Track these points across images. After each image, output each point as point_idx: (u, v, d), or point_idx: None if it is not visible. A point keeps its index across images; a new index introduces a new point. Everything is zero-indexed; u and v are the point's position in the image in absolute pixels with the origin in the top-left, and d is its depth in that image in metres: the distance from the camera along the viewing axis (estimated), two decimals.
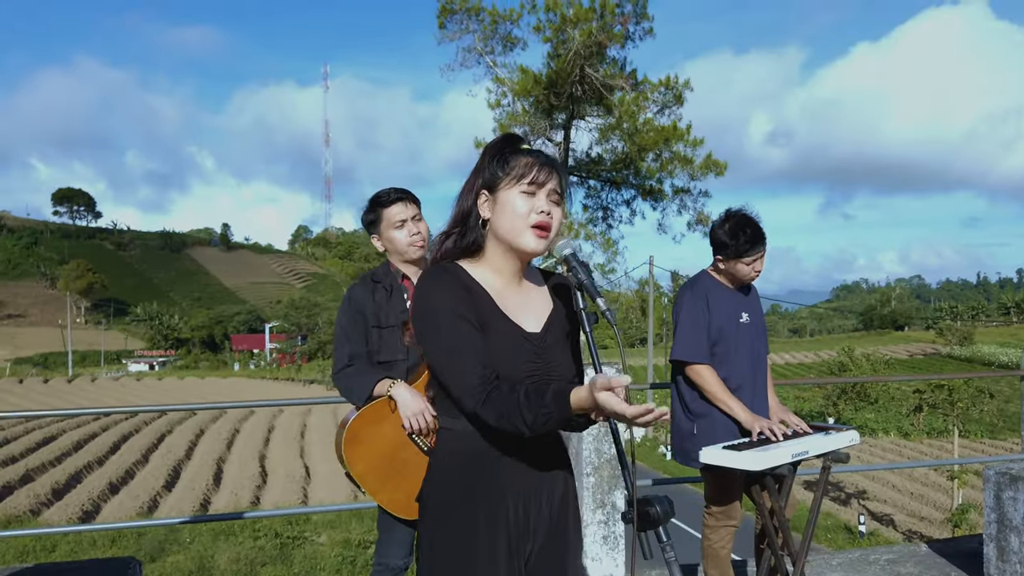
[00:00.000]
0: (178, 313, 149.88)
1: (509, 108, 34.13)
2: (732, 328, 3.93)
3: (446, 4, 33.73)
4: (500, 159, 2.17)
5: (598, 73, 31.63)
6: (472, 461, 2.13)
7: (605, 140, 34.44)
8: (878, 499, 30.50)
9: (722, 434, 3.81)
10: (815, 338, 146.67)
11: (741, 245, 3.86)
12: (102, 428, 40.93)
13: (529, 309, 2.22)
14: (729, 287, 4.03)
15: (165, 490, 28.70)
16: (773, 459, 3.44)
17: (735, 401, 3.81)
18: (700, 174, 33.01)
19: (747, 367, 3.95)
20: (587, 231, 34.34)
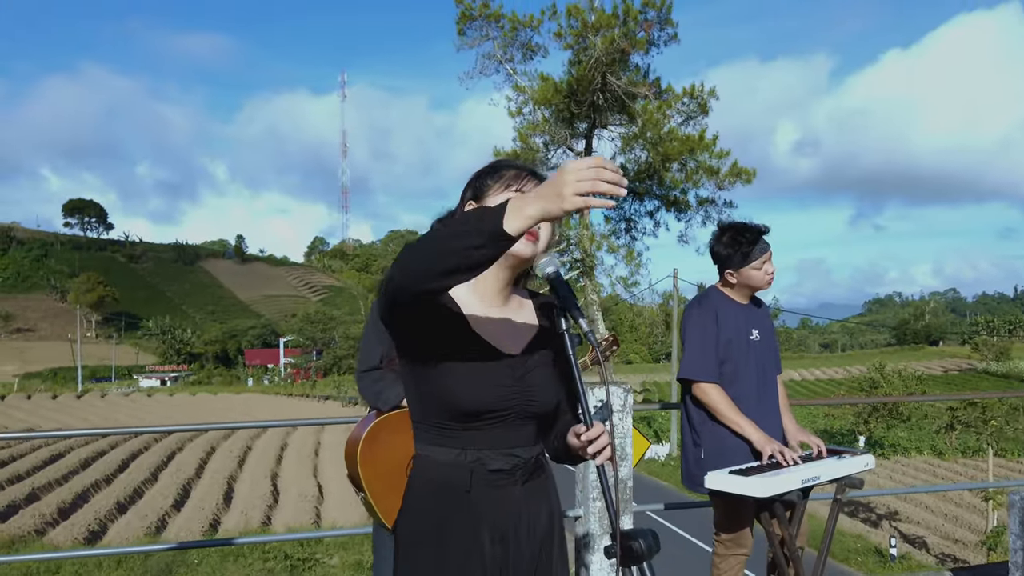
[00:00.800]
0: (191, 327, 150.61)
1: (529, 117, 34.23)
2: (742, 345, 3.90)
3: (465, 10, 33.89)
4: (490, 170, 2.18)
5: (620, 81, 31.67)
6: (445, 491, 2.08)
7: (628, 150, 34.47)
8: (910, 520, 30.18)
9: (732, 457, 3.77)
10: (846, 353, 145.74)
11: (744, 250, 3.84)
12: (110, 445, 41.09)
13: (510, 329, 2.18)
14: (739, 303, 4.00)
15: (174, 510, 28.77)
16: (782, 485, 3.40)
17: (746, 420, 3.77)
18: (727, 183, 32.96)
19: (757, 386, 3.91)
20: (609, 243, 34.35)
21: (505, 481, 2.10)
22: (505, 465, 2.10)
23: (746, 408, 3.83)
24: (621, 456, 4.48)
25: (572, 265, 34.57)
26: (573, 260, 34.18)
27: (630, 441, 4.48)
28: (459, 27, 34.38)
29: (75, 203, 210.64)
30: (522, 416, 2.11)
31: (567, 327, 2.03)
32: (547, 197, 1.69)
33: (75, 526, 25.13)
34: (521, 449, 2.13)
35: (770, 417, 3.94)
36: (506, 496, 2.10)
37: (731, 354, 3.87)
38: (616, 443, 4.47)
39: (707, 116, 32.85)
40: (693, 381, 3.87)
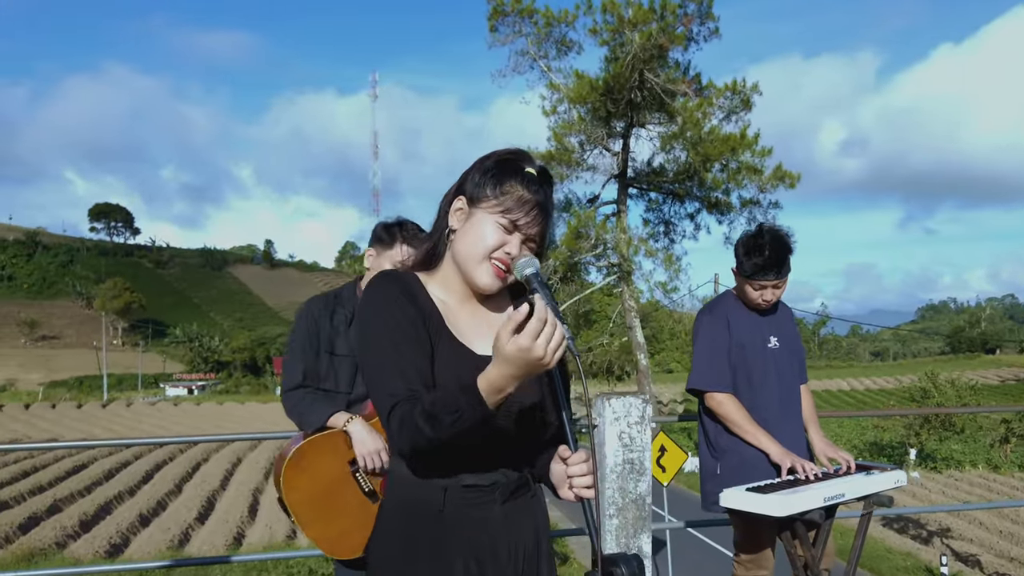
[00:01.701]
0: (218, 334, 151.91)
1: (564, 116, 34.15)
2: (758, 353, 3.81)
3: (497, 6, 33.85)
4: (495, 176, 2.05)
5: (659, 78, 31.45)
6: (418, 510, 2.01)
7: (667, 149, 34.22)
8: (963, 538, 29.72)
9: (751, 473, 3.68)
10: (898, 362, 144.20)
11: (749, 266, 3.74)
12: (135, 456, 41.43)
13: (488, 330, 2.08)
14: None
15: (198, 523, 28.92)
16: (803, 503, 3.30)
17: (762, 432, 3.68)
18: (770, 185, 32.68)
19: (776, 397, 3.81)
20: (647, 247, 34.10)
21: (483, 499, 2.02)
22: (482, 481, 2.02)
23: (766, 420, 3.74)
24: (639, 470, 4.40)
25: (609, 270, 34.43)
26: (610, 265, 34.03)
27: (648, 455, 4.40)
28: (491, 23, 34.34)
29: (101, 207, 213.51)
30: (503, 423, 2.00)
31: None
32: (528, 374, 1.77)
33: (96, 539, 25.30)
34: (503, 465, 2.05)
35: (793, 429, 3.85)
36: (484, 516, 2.02)
37: (745, 362, 3.77)
38: (634, 456, 4.40)
39: (750, 112, 32.56)
40: (704, 391, 3.78)
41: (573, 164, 33.83)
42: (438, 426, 1.80)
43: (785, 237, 3.78)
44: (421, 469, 2.00)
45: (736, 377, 3.77)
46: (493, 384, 1.76)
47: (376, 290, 2.02)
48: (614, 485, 4.40)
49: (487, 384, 1.76)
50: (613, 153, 34.64)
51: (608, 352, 36.63)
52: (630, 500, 4.41)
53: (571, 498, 1.91)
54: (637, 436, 4.39)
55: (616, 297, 38.10)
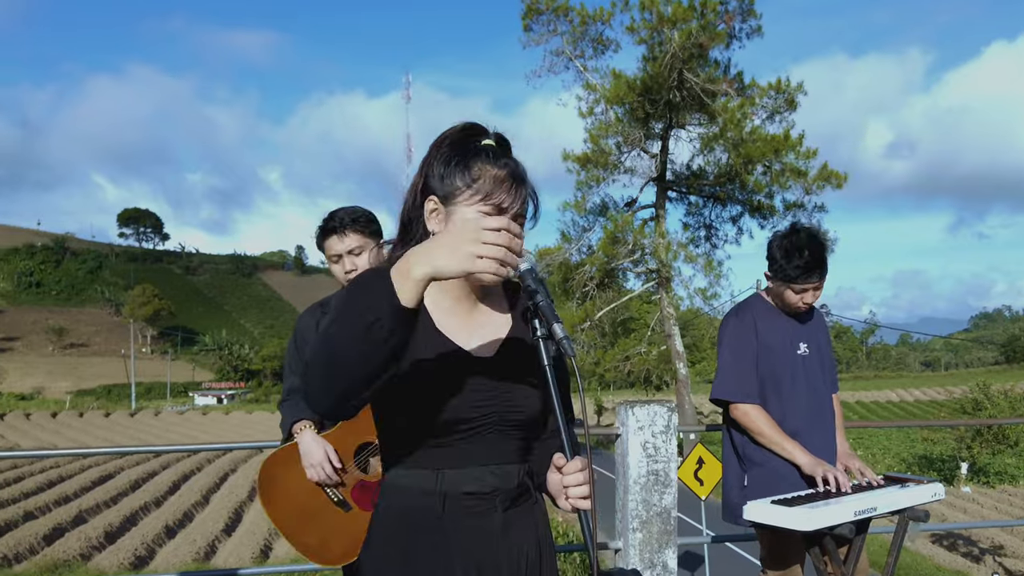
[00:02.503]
0: (249, 342, 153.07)
1: (601, 117, 34.06)
2: (786, 361, 3.73)
3: (531, 4, 33.87)
4: (460, 164, 1.95)
5: (699, 77, 31.36)
6: (413, 519, 1.95)
7: (707, 151, 34.13)
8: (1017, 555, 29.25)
9: (780, 485, 3.59)
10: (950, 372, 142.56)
11: (793, 270, 3.65)
12: (162, 466, 41.73)
13: (484, 331, 2.04)
14: (782, 312, 3.83)
15: (224, 534, 29.05)
16: (831, 517, 3.22)
17: (792, 442, 3.60)
18: (815, 187, 32.39)
19: (806, 407, 3.73)
20: (687, 252, 33.94)
21: (483, 506, 1.96)
22: (483, 487, 1.96)
23: (795, 430, 3.66)
24: (664, 482, 4.33)
25: (647, 277, 34.29)
26: (648, 271, 33.91)
27: (674, 466, 4.34)
28: (525, 22, 34.41)
29: (130, 213, 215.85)
30: (503, 427, 1.97)
31: (540, 333, 1.85)
32: (438, 252, 1.61)
33: (121, 551, 25.48)
34: (501, 468, 1.99)
35: (824, 441, 3.76)
36: (484, 524, 1.96)
37: (774, 370, 3.70)
38: (659, 467, 4.33)
39: (794, 112, 32.35)
40: (729, 402, 3.71)
41: (610, 167, 33.75)
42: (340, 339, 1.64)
43: (822, 235, 3.73)
44: (417, 476, 1.96)
45: (764, 385, 3.70)
46: (405, 259, 1.63)
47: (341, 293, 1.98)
48: (638, 497, 4.33)
49: (399, 260, 1.64)
50: (651, 155, 34.54)
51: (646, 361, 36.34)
52: (654, 513, 4.35)
53: (569, 509, 1.85)
54: (662, 446, 4.33)
55: (655, 304, 37.94)
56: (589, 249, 34.11)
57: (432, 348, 1.95)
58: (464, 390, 1.93)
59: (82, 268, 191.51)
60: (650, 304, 40.93)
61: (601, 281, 33.53)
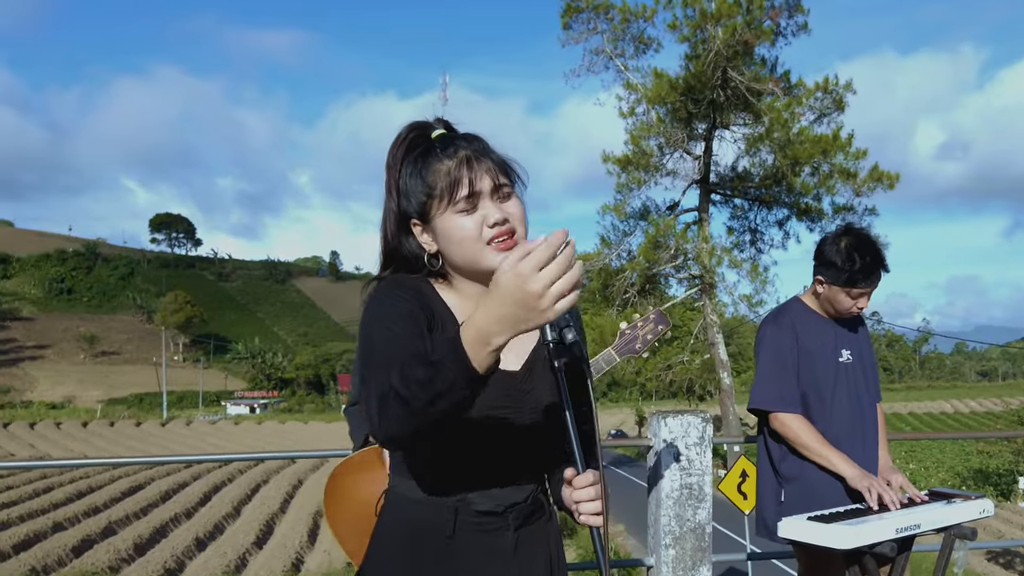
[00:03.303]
0: (282, 351, 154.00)
1: (642, 117, 33.91)
2: (828, 369, 3.65)
3: (571, 2, 33.81)
4: (415, 176, 1.93)
5: (744, 76, 31.10)
6: (419, 534, 1.92)
7: (753, 152, 33.85)
8: None
9: (821, 499, 3.52)
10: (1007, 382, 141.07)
11: (854, 272, 3.56)
12: (193, 477, 42.11)
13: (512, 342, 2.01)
14: (826, 317, 3.75)
15: (255, 547, 29.22)
16: (871, 534, 3.13)
17: (837, 454, 3.52)
18: (866, 189, 32.03)
19: (848, 417, 3.65)
20: (732, 258, 33.66)
21: (496, 525, 1.93)
22: (496, 506, 1.93)
23: (836, 440, 3.58)
24: (699, 496, 4.27)
25: (690, 283, 34.10)
26: (691, 277, 33.71)
27: (709, 480, 4.26)
28: (564, 20, 34.30)
29: (162, 218, 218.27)
30: (522, 442, 1.94)
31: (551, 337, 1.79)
32: (518, 319, 1.52)
33: (151, 563, 25.70)
34: (517, 486, 1.97)
35: (865, 453, 3.68)
36: (496, 543, 1.93)
37: (814, 376, 3.63)
38: (693, 481, 4.27)
39: (843, 112, 32.03)
40: (767, 412, 3.64)
41: (652, 169, 33.57)
42: (414, 395, 1.57)
43: (873, 236, 3.66)
44: (428, 488, 1.92)
45: (804, 393, 3.62)
46: (479, 329, 1.53)
47: (380, 292, 1.93)
48: (670, 512, 4.27)
49: (472, 330, 1.54)
50: (694, 157, 34.32)
51: (689, 370, 36.15)
52: (688, 529, 4.28)
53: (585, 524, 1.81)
54: (696, 458, 4.26)
55: (698, 311, 37.66)
56: (630, 254, 33.92)
57: None
58: (485, 405, 1.85)
59: (114, 274, 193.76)
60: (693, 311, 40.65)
61: (642, 287, 33.33)
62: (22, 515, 30.13)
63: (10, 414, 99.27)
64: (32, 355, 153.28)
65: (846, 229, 3.67)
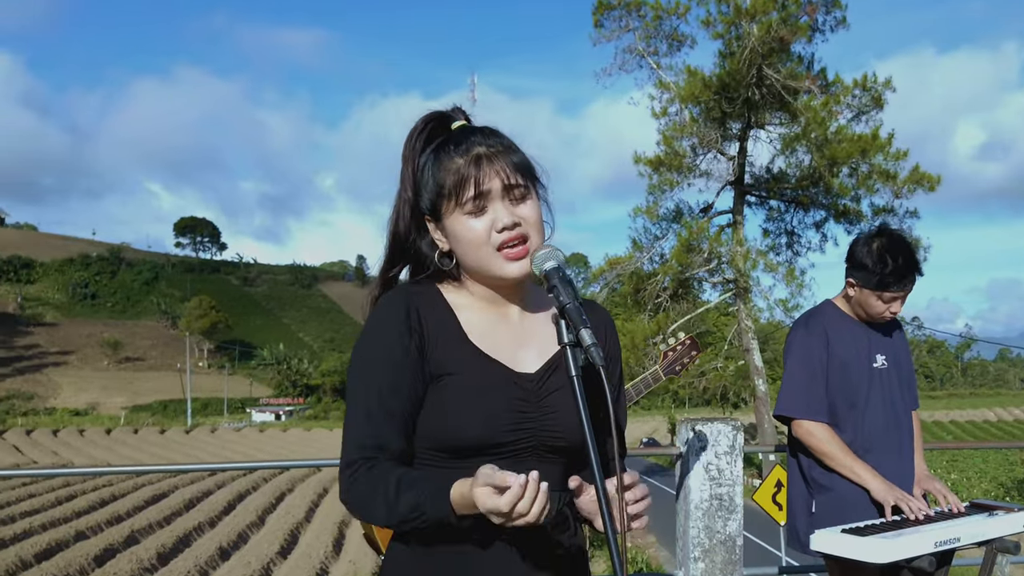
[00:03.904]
0: (308, 357, 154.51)
1: (675, 117, 33.81)
2: (862, 375, 3.58)
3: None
4: (428, 171, 1.90)
5: (779, 74, 30.94)
6: (435, 550, 1.86)
7: (789, 152, 33.61)
8: None
9: (852, 511, 3.45)
10: None
11: (886, 276, 3.49)
12: (217, 485, 42.35)
13: (525, 343, 1.94)
14: (859, 321, 3.68)
15: (280, 557, 29.31)
16: (908, 548, 3.07)
17: (863, 465, 3.46)
18: (906, 191, 31.77)
19: (882, 426, 3.58)
20: (767, 261, 33.42)
21: (513, 539, 1.85)
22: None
23: (868, 450, 3.52)
24: (729, 508, 4.20)
25: (724, 287, 33.93)
26: (725, 281, 33.54)
27: (739, 490, 4.20)
28: (595, 18, 34.29)
29: (187, 222, 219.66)
30: (541, 452, 1.87)
31: (569, 339, 1.76)
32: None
33: (173, 572, 25.85)
34: None
35: (900, 463, 3.61)
36: (514, 558, 1.86)
37: (848, 383, 3.56)
38: (723, 491, 4.21)
39: (882, 111, 31.77)
40: (793, 419, 3.58)
41: (684, 170, 33.44)
42: (391, 512, 1.76)
43: (908, 237, 3.60)
44: None
45: (835, 400, 3.56)
46: (467, 503, 1.66)
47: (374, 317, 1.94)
48: (700, 524, 4.21)
49: (460, 498, 1.67)
50: (728, 157, 34.18)
51: (723, 377, 35.91)
52: (718, 541, 4.22)
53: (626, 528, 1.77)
54: (727, 468, 4.20)
55: (732, 316, 37.50)
56: (662, 258, 33.78)
57: (461, 362, 1.87)
58: (501, 411, 1.84)
59: (138, 279, 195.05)
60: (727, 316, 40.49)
61: (675, 292, 33.19)
62: (44, 524, 30.41)
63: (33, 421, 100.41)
64: (55, 361, 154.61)
65: (879, 230, 3.61)
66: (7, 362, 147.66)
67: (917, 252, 3.60)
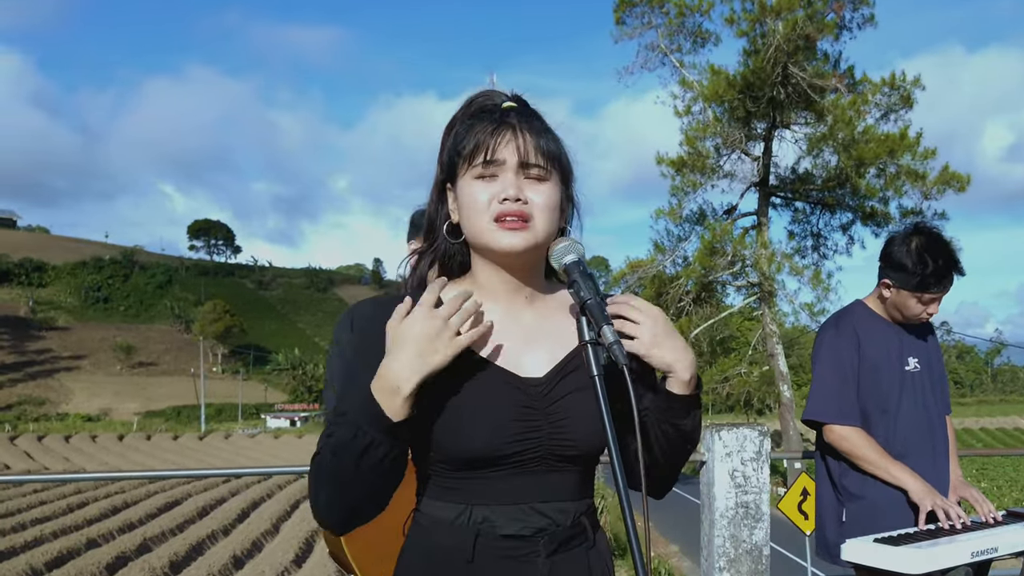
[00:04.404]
0: (323, 362, 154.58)
1: (698, 117, 33.73)
2: (893, 378, 3.53)
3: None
4: (457, 135, 1.83)
5: (805, 72, 30.83)
6: (439, 559, 1.78)
7: (815, 153, 33.48)
8: None
9: (884, 518, 3.40)
10: None
11: (927, 276, 3.43)
12: (231, 492, 42.35)
13: (534, 344, 1.84)
14: (891, 323, 3.62)
15: (295, 566, 29.29)
16: (943, 558, 3.01)
17: (900, 466, 3.40)
18: (935, 192, 31.57)
19: (915, 431, 3.53)
20: (792, 264, 33.26)
21: (523, 550, 1.76)
22: (523, 529, 1.76)
23: (899, 455, 3.46)
24: (755, 516, 4.15)
25: (748, 291, 33.79)
26: (749, 284, 33.42)
27: (766, 497, 4.15)
28: (617, 15, 34.25)
29: (201, 224, 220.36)
30: (552, 461, 1.78)
31: (591, 337, 1.70)
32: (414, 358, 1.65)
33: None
34: (550, 506, 1.79)
35: (934, 468, 3.55)
36: (524, 572, 1.76)
37: (879, 387, 3.50)
38: (750, 499, 4.15)
39: (910, 110, 31.58)
40: (823, 423, 3.52)
41: (708, 171, 33.34)
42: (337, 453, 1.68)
43: (945, 236, 3.53)
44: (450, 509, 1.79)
45: (866, 404, 3.50)
46: (382, 376, 1.63)
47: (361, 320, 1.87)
48: (725, 533, 4.16)
49: (380, 380, 1.64)
50: (753, 158, 34.07)
51: (747, 383, 35.79)
52: (744, 551, 4.16)
53: None
54: (753, 475, 4.15)
55: (756, 321, 37.35)
56: (685, 260, 33.70)
57: (457, 368, 1.75)
58: (507, 419, 1.75)
59: (151, 283, 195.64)
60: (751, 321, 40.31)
61: (698, 295, 33.12)
62: (55, 531, 30.45)
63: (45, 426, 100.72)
64: (67, 366, 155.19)
65: (916, 228, 3.55)
66: (19, 367, 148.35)
67: (957, 252, 3.53)
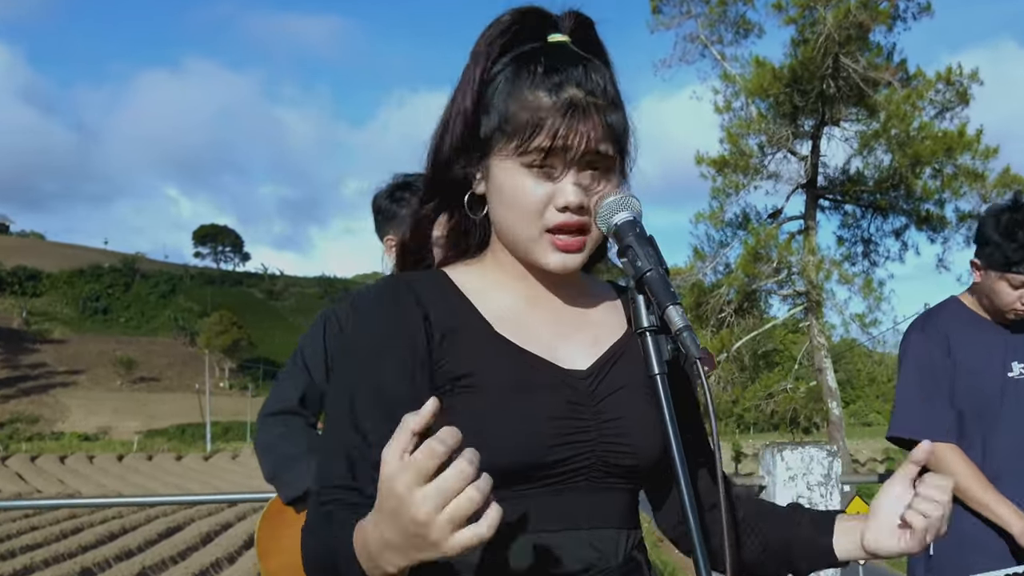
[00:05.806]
0: None
1: (741, 113, 33.60)
2: (994, 385, 3.26)
3: None
4: (500, 89, 1.53)
5: (858, 64, 30.63)
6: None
7: (867, 151, 33.29)
8: None
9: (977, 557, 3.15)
10: None
11: (1007, 250, 3.14)
12: (237, 517, 42.34)
13: (570, 331, 1.62)
14: (991, 321, 3.34)
15: None
16: None
17: (1001, 501, 3.14)
18: (995, 194, 31.21)
19: (1016, 449, 3.25)
20: (842, 272, 33.09)
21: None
22: (570, 564, 1.51)
23: (999, 475, 3.20)
24: None
25: (794, 300, 33.54)
26: (796, 294, 33.18)
27: None
28: (654, 4, 34.24)
29: (207, 230, 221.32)
30: (601, 471, 1.54)
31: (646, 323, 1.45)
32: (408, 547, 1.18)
33: None
34: (598, 533, 1.55)
35: None
36: None
37: (976, 397, 3.24)
38: None
39: (967, 106, 31.28)
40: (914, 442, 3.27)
41: (751, 171, 33.16)
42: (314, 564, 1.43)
43: None
44: None
45: (961, 417, 3.24)
46: (367, 546, 1.26)
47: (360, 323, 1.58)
48: None
49: (361, 545, 1.27)
50: (800, 157, 33.88)
51: (793, 399, 35.49)
52: None
53: None
54: (820, 501, 3.91)
55: (803, 333, 37.16)
56: (726, 268, 33.56)
57: (501, 362, 1.53)
58: (546, 418, 1.49)
59: (153, 292, 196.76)
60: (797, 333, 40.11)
61: (740, 305, 32.90)
62: (47, 559, 30.50)
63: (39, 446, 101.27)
64: (63, 381, 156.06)
65: (1014, 201, 3.23)
66: (11, 382, 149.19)
67: None
